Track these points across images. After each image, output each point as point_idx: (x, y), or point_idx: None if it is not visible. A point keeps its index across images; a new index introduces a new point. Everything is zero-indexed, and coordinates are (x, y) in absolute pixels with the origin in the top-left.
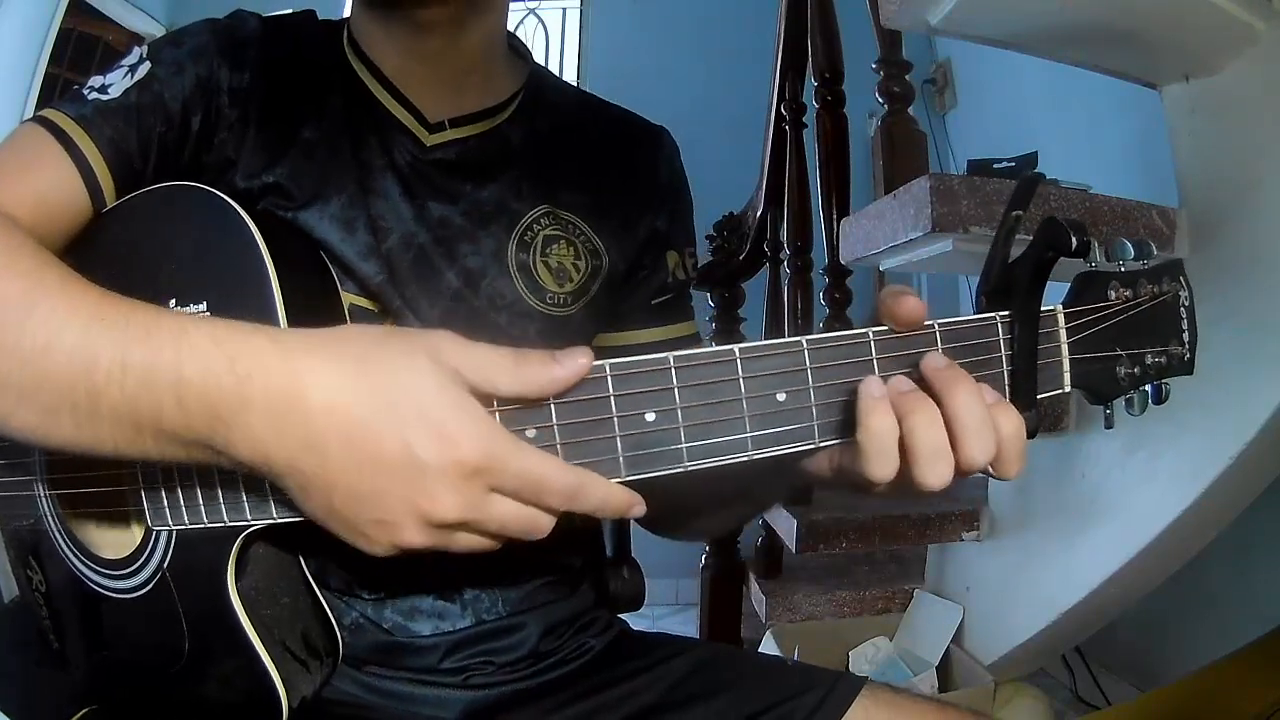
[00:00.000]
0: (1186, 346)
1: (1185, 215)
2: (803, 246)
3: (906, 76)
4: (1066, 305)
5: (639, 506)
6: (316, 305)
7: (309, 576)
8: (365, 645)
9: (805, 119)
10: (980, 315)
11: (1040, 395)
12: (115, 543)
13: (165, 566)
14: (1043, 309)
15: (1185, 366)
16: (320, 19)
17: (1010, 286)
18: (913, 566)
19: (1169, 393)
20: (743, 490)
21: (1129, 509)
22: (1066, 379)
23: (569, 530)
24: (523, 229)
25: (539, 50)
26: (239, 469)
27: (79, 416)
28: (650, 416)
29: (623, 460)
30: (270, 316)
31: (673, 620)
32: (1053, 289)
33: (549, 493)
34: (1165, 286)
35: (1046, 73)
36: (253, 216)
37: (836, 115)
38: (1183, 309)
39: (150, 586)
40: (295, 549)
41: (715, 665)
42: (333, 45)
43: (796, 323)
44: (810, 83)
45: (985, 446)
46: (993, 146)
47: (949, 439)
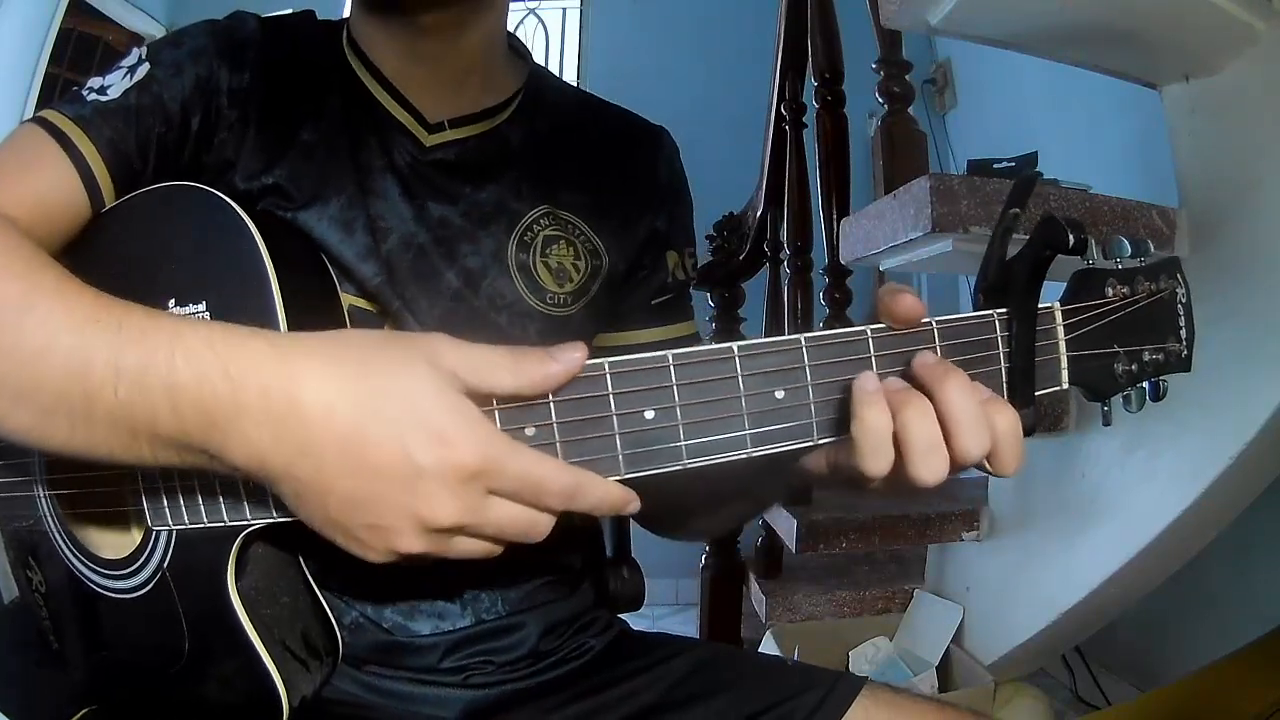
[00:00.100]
0: (1184, 343)
1: (1185, 215)
2: (803, 246)
3: (906, 76)
4: (1064, 303)
5: (635, 503)
6: (316, 306)
7: (309, 576)
8: (365, 644)
9: (805, 119)
10: (978, 313)
11: (1038, 392)
12: (115, 543)
13: (165, 566)
14: (1040, 306)
15: (1183, 363)
16: (319, 19)
17: (1008, 284)
18: (913, 566)
19: (1167, 390)
20: (741, 489)
21: (1129, 509)
22: (1064, 376)
23: (569, 530)
24: (522, 229)
25: (539, 50)
26: (235, 474)
27: (75, 420)
28: (649, 414)
29: (622, 458)
30: (270, 317)
31: (673, 620)
32: (1051, 288)
33: (547, 493)
34: (1162, 284)
35: (1046, 73)
36: (252, 217)
37: (836, 115)
38: (1180, 306)
39: (150, 586)
40: (295, 549)
41: (715, 665)
42: (332, 46)
43: (796, 323)
44: (810, 83)
45: (979, 440)
46: (993, 146)
47: (943, 433)
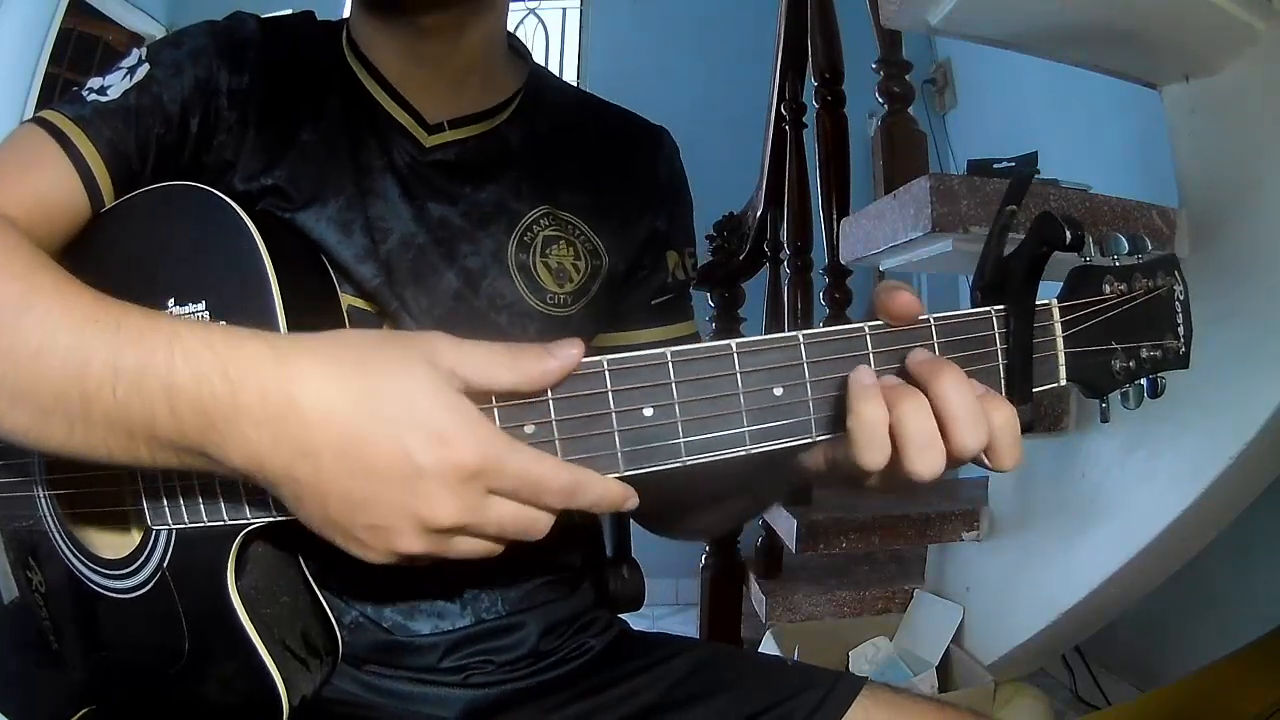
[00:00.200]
0: (1182, 340)
1: (1185, 215)
2: (803, 246)
3: (906, 76)
4: (1062, 300)
5: (633, 499)
6: (315, 306)
7: (308, 575)
8: (365, 644)
9: (805, 119)
10: (975, 310)
11: (1036, 389)
12: (115, 543)
13: (165, 566)
14: (1038, 303)
15: (1181, 360)
16: (319, 20)
17: (1005, 281)
18: (913, 566)
19: (1165, 387)
20: (740, 487)
21: (1129, 509)
22: (1062, 373)
23: (568, 529)
24: (522, 229)
25: (539, 50)
26: (234, 476)
27: (73, 420)
28: (648, 411)
29: (621, 455)
30: (269, 317)
31: (673, 620)
32: (1048, 287)
33: (547, 492)
34: (1160, 281)
35: (1046, 73)
36: (251, 217)
37: (836, 115)
38: (1178, 303)
39: (150, 586)
40: (295, 548)
41: (715, 665)
42: (332, 46)
43: (796, 323)
44: (810, 83)
45: (976, 434)
46: (993, 146)
47: (939, 428)
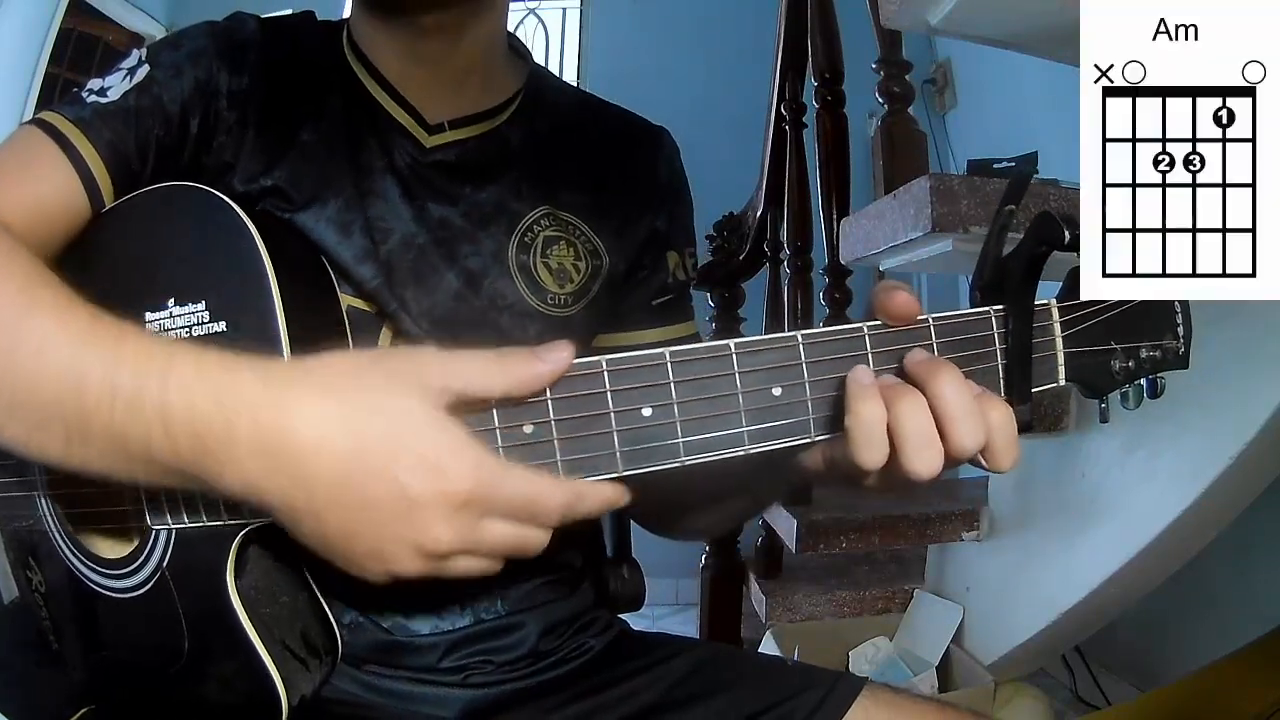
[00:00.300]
0: (1181, 340)
1: None
2: (803, 246)
3: (906, 76)
4: (1061, 299)
5: (625, 495)
6: (315, 306)
7: (308, 575)
8: (364, 644)
9: (805, 119)
10: (974, 310)
11: (1035, 389)
12: (114, 542)
13: (164, 566)
14: (1037, 303)
15: (1180, 360)
16: (319, 20)
17: (1004, 281)
18: (913, 566)
19: (1164, 387)
20: (740, 487)
21: (1129, 509)
22: (1061, 373)
23: (568, 530)
24: (523, 230)
25: (539, 50)
26: (231, 500)
27: (70, 436)
28: (647, 412)
29: (619, 455)
30: (269, 317)
31: (673, 620)
32: (1048, 287)
33: (543, 511)
34: None
35: (1046, 73)
36: (251, 217)
37: (836, 115)
38: (1177, 303)
39: (150, 586)
40: (294, 548)
41: (715, 665)
42: (332, 47)
43: (796, 323)
44: (810, 83)
45: (974, 433)
46: (993, 146)
47: (937, 427)
